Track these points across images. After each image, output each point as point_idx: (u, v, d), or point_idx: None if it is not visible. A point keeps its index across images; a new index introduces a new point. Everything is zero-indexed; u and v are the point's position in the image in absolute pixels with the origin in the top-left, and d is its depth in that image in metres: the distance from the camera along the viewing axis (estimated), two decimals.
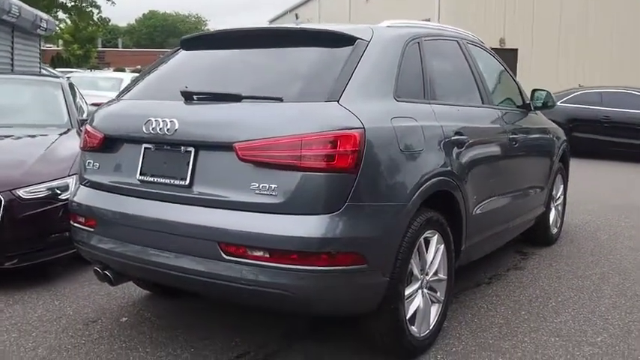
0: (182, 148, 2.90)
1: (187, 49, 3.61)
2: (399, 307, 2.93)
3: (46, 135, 5.23)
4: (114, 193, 3.13)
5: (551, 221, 5.43)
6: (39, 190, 4.24)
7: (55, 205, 4.27)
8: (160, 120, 2.92)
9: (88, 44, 42.54)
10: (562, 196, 5.75)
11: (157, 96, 3.27)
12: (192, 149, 2.87)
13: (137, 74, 7.32)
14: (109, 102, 3.56)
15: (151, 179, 2.99)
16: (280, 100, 2.83)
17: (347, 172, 2.65)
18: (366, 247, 2.73)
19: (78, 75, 15.64)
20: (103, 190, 3.19)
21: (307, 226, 2.60)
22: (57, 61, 33.06)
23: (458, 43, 4.09)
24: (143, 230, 2.96)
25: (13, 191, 4.14)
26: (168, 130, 2.89)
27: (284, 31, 3.59)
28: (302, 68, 3.10)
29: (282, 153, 2.62)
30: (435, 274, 3.27)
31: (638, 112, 12.27)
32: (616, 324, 3.72)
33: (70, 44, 41.37)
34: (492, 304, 4.01)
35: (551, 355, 3.27)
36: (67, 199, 3.85)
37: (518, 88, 4.98)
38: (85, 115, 5.93)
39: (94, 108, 3.86)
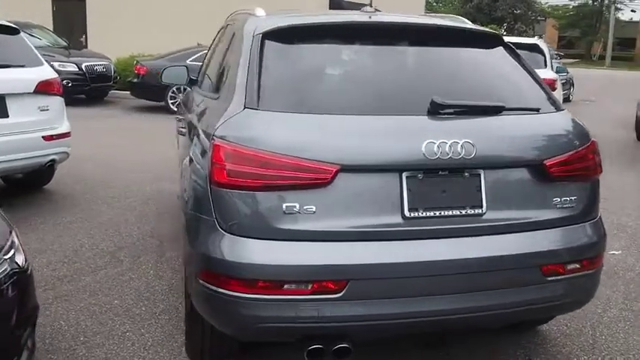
0: (467, 172, 2.61)
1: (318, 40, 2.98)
2: None
3: None
4: (363, 240, 2.51)
5: None
6: None
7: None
8: (446, 142, 2.53)
9: None
10: None
11: (363, 108, 2.66)
12: (482, 172, 2.63)
13: None
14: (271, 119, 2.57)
15: (426, 214, 2.55)
16: (537, 110, 2.89)
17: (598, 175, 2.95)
18: None
19: None
20: (338, 241, 2.48)
21: (599, 230, 2.88)
22: None
23: None
24: (425, 277, 2.55)
25: None
26: (465, 153, 2.55)
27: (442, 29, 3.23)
28: (498, 72, 3.09)
29: (580, 165, 2.82)
30: None
31: None
32: None
33: None
34: None
35: None
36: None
37: None
38: None
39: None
